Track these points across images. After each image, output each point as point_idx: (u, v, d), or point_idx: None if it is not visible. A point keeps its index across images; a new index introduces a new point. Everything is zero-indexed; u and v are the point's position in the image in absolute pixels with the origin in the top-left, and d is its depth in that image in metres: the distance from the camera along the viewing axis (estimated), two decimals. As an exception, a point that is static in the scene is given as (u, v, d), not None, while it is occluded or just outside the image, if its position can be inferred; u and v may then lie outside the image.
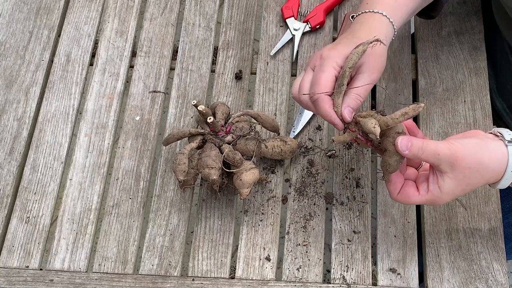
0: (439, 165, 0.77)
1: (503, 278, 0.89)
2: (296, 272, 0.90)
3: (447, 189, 0.78)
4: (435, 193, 0.79)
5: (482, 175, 0.78)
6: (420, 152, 0.76)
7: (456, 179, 0.77)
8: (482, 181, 0.79)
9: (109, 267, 0.91)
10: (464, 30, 1.08)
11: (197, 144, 0.89)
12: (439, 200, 0.79)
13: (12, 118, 1.02)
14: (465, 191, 0.79)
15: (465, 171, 0.77)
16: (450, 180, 0.77)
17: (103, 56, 1.07)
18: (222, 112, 0.91)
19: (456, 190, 0.78)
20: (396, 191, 0.81)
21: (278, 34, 1.09)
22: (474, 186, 0.79)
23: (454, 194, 0.79)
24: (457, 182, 0.78)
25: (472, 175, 0.78)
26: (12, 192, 0.96)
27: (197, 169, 0.88)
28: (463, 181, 0.78)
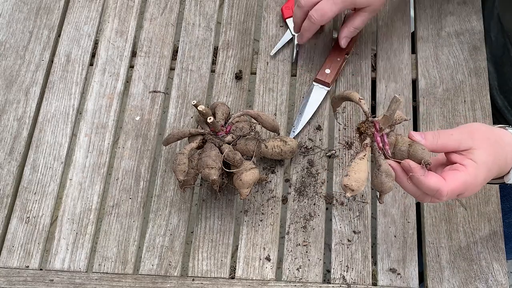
0: (459, 144, 0.75)
1: (503, 278, 0.89)
2: (296, 272, 0.90)
3: (480, 158, 0.74)
4: (472, 165, 0.74)
5: (502, 147, 0.77)
6: (436, 138, 0.75)
7: (482, 148, 0.75)
8: (503, 154, 0.77)
9: (109, 267, 0.91)
10: (464, 30, 1.08)
11: (197, 144, 0.89)
12: (479, 173, 0.75)
13: (12, 118, 1.02)
14: (496, 163, 0.76)
15: (485, 141, 0.76)
16: (477, 150, 0.75)
17: (103, 56, 1.07)
18: (222, 112, 0.91)
19: (488, 159, 0.75)
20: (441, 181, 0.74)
21: (278, 34, 1.09)
22: (500, 158, 0.76)
23: (488, 165, 0.75)
24: (484, 150, 0.75)
25: (494, 145, 0.76)
26: (12, 192, 0.96)
27: (197, 169, 0.88)
28: (489, 150, 0.75)
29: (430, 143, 0.75)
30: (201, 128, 0.92)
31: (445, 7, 1.10)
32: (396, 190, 0.95)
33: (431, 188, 0.73)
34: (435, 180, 0.73)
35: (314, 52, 1.07)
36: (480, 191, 0.95)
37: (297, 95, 1.04)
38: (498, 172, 0.78)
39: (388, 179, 0.75)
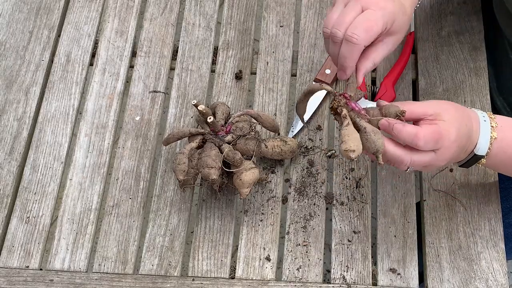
0: (426, 109, 0.78)
1: (503, 278, 0.89)
2: (296, 272, 0.90)
3: (449, 117, 0.77)
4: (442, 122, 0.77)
5: (467, 117, 0.80)
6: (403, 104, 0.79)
7: (449, 112, 0.78)
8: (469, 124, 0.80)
9: (109, 267, 0.91)
10: (464, 30, 1.08)
11: (197, 144, 0.89)
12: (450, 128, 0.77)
13: (12, 118, 1.02)
14: (462, 123, 0.78)
15: (451, 107, 0.79)
16: (444, 113, 0.78)
17: (103, 56, 1.07)
18: (222, 112, 0.91)
19: (457, 120, 0.78)
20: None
21: (278, 34, 1.09)
22: (466, 125, 0.79)
23: (457, 124, 0.77)
24: (451, 114, 0.78)
25: (460, 113, 0.80)
26: (12, 192, 0.96)
27: (197, 169, 0.88)
28: (456, 115, 0.78)
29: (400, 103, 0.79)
30: (201, 128, 0.92)
31: (445, 7, 1.10)
32: (396, 190, 0.95)
33: (409, 133, 0.76)
34: (411, 127, 0.77)
35: (314, 52, 1.07)
36: (480, 191, 0.94)
37: (297, 95, 1.04)
38: (467, 142, 0.80)
39: (377, 136, 0.77)
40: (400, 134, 0.76)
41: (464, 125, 0.79)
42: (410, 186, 0.96)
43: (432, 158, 0.78)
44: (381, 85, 1.02)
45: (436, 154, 0.78)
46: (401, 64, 1.03)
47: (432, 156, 0.78)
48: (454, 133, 0.77)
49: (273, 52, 1.07)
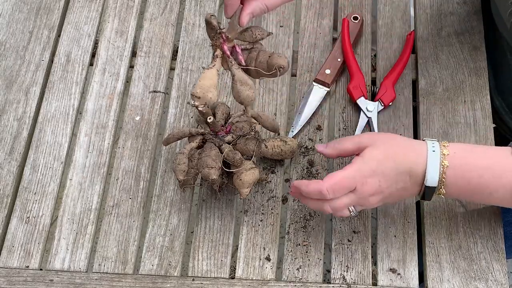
0: (358, 146, 0.81)
1: (503, 278, 0.89)
2: (296, 272, 0.90)
3: (369, 155, 0.80)
4: (358, 160, 0.80)
5: (404, 146, 0.81)
6: (337, 143, 0.84)
7: (375, 146, 0.80)
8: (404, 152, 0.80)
9: (109, 267, 0.91)
10: (464, 30, 1.08)
11: (197, 144, 0.89)
12: (363, 166, 0.79)
13: (12, 118, 1.02)
14: (388, 158, 0.80)
15: (382, 140, 0.81)
16: (371, 148, 0.80)
17: (103, 56, 1.07)
18: (222, 112, 0.91)
19: (379, 155, 0.80)
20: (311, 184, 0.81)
21: (278, 34, 1.09)
22: (397, 157, 0.80)
23: (377, 159, 0.79)
24: (377, 148, 0.80)
25: (393, 145, 0.81)
26: (12, 192, 0.96)
27: (197, 169, 0.88)
28: (384, 148, 0.80)
29: (331, 149, 0.85)
30: (201, 128, 0.92)
31: (445, 7, 1.10)
32: (396, 190, 0.95)
33: (314, 191, 0.80)
34: (314, 184, 0.80)
35: (314, 52, 1.07)
36: (480, 191, 0.94)
37: (297, 95, 1.04)
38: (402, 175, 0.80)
39: (243, 87, 0.76)
40: (308, 195, 0.82)
41: (394, 160, 0.80)
42: (410, 186, 0.96)
43: (352, 199, 0.81)
44: (381, 85, 1.02)
45: (355, 193, 0.80)
46: (401, 64, 1.03)
47: (351, 197, 0.81)
48: (370, 170, 0.79)
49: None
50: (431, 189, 0.81)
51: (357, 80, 1.02)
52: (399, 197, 0.85)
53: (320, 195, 0.80)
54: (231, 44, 0.78)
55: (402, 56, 1.04)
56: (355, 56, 1.04)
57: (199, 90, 0.74)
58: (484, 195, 0.82)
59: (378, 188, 0.80)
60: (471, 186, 0.81)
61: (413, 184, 0.81)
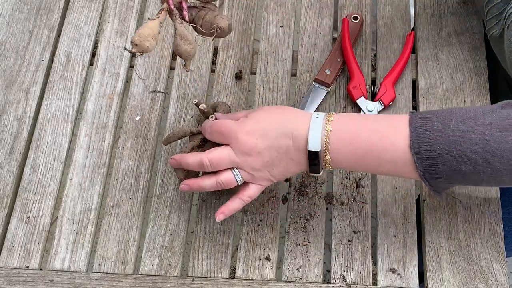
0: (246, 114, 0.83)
1: (503, 278, 0.89)
2: (296, 272, 0.90)
3: (252, 114, 0.82)
4: (241, 119, 0.82)
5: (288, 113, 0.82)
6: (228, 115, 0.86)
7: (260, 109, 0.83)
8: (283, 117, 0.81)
9: (109, 267, 0.91)
10: (464, 30, 1.08)
11: (198, 142, 0.89)
12: (244, 122, 0.81)
13: (12, 118, 1.02)
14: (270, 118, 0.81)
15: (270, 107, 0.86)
16: (253, 112, 0.83)
17: (103, 56, 1.07)
18: (223, 111, 0.91)
19: (260, 114, 0.82)
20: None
21: (278, 34, 1.09)
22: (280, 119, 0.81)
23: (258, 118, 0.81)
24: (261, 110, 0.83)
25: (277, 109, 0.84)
26: (12, 192, 0.96)
27: None
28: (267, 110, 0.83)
29: (220, 115, 0.87)
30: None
31: (445, 7, 1.10)
32: (396, 190, 0.95)
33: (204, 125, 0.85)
34: (209, 121, 0.85)
35: (314, 52, 1.07)
36: (481, 191, 0.94)
37: (297, 95, 1.04)
38: (284, 138, 0.80)
39: (182, 41, 0.78)
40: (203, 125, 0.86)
41: (276, 121, 0.81)
42: (410, 186, 0.96)
43: (229, 153, 0.81)
44: (381, 85, 1.02)
45: (232, 148, 0.81)
46: (401, 64, 1.03)
47: (227, 150, 0.81)
48: (248, 126, 0.81)
49: (273, 52, 1.07)
50: (315, 155, 0.78)
51: (357, 80, 1.02)
52: (285, 167, 0.81)
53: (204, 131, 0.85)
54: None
55: (402, 56, 1.04)
56: (355, 56, 1.04)
57: (137, 38, 0.73)
58: (374, 159, 0.78)
59: (254, 147, 0.80)
60: (358, 150, 0.78)
61: (295, 150, 0.79)
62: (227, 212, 0.85)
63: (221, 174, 0.82)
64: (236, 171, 0.82)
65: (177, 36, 0.79)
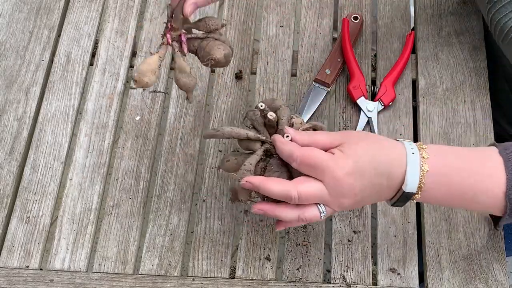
0: (331, 140, 0.75)
1: (503, 278, 0.89)
2: (296, 272, 0.90)
3: (347, 149, 0.73)
4: (336, 152, 0.73)
5: (384, 147, 0.75)
6: (308, 134, 0.76)
7: (352, 143, 0.74)
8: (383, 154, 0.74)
9: (109, 267, 0.91)
10: (464, 30, 1.08)
11: (260, 156, 0.77)
12: (342, 161, 0.72)
13: (12, 118, 1.02)
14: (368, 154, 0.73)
15: (357, 139, 0.75)
16: (347, 143, 0.74)
17: (103, 56, 1.07)
18: (287, 118, 0.79)
19: (359, 150, 0.73)
20: None
21: (278, 34, 1.09)
22: (378, 155, 0.73)
23: (357, 155, 0.73)
24: (354, 145, 0.74)
25: (372, 142, 0.75)
26: (12, 192, 0.96)
27: None
28: (360, 146, 0.74)
29: (300, 137, 0.75)
30: (258, 132, 0.80)
31: (445, 7, 1.10)
32: (396, 190, 0.95)
33: (286, 150, 0.74)
34: (293, 144, 0.74)
35: (314, 52, 1.07)
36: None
37: (297, 95, 1.04)
38: (381, 178, 0.74)
39: (181, 75, 0.78)
40: (280, 145, 0.75)
41: (374, 160, 0.73)
42: (410, 186, 0.95)
43: (321, 190, 0.73)
44: (381, 85, 1.02)
45: (326, 186, 0.73)
46: (401, 64, 1.03)
47: (320, 186, 0.73)
48: (348, 166, 0.72)
49: (273, 52, 1.07)
50: (409, 195, 0.74)
51: (357, 80, 1.02)
52: (369, 202, 0.78)
53: (288, 158, 0.74)
54: (177, 32, 0.78)
55: (402, 56, 1.04)
56: (355, 56, 1.04)
57: (136, 74, 0.75)
58: (466, 200, 0.76)
59: (352, 189, 0.73)
60: (451, 191, 0.75)
61: (387, 188, 0.75)
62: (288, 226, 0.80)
63: (307, 210, 0.74)
64: (322, 208, 0.75)
65: (176, 70, 0.78)
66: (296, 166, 0.74)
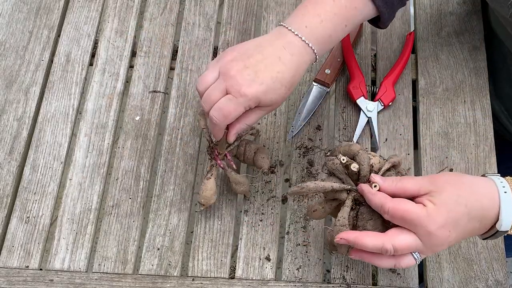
0: (419, 188, 0.74)
1: (503, 278, 0.89)
2: (296, 272, 0.90)
3: (439, 199, 0.72)
4: (428, 204, 0.72)
5: (472, 190, 0.74)
6: (396, 181, 0.75)
7: (443, 190, 0.73)
8: (474, 198, 0.73)
9: (109, 267, 0.91)
10: (464, 30, 1.08)
11: (350, 207, 0.77)
12: (435, 213, 0.72)
13: (12, 118, 1.02)
14: (460, 203, 0.72)
15: (447, 184, 0.73)
16: (437, 192, 0.73)
17: (103, 56, 1.07)
18: (367, 163, 0.78)
19: (449, 201, 0.72)
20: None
21: (278, 34, 1.09)
22: (469, 201, 0.73)
23: (449, 207, 0.72)
24: (445, 193, 0.73)
25: (459, 188, 0.74)
26: (12, 192, 0.96)
27: None
28: (451, 192, 0.73)
29: (388, 185, 0.75)
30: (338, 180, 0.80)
31: (445, 7, 1.10)
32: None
33: (378, 200, 0.74)
34: (382, 195, 0.74)
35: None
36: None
37: (297, 95, 1.04)
38: (474, 222, 0.73)
39: (238, 186, 0.90)
40: (369, 196, 0.75)
41: (466, 207, 0.72)
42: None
43: (416, 241, 0.73)
44: (381, 85, 1.02)
45: (420, 239, 0.73)
46: (401, 64, 1.03)
47: (414, 238, 0.73)
48: (442, 219, 0.72)
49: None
50: (502, 233, 0.74)
51: (357, 80, 1.02)
52: (460, 241, 0.78)
53: (379, 209, 0.74)
54: (222, 155, 0.89)
55: (402, 56, 1.04)
56: (355, 56, 1.04)
57: (203, 200, 0.89)
58: None
59: (446, 240, 0.73)
60: None
61: (480, 229, 0.75)
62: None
63: (402, 259, 0.75)
64: (417, 255, 0.75)
65: (232, 183, 0.90)
66: (388, 218, 0.74)
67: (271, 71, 0.80)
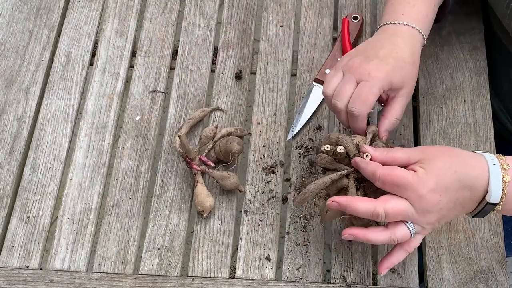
0: (409, 156, 0.76)
1: (503, 278, 0.89)
2: (296, 272, 0.90)
3: (428, 166, 0.74)
4: (418, 169, 0.74)
5: (465, 160, 0.75)
6: (386, 150, 0.78)
7: (432, 158, 0.75)
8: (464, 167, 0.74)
9: (109, 267, 0.91)
10: (464, 30, 1.08)
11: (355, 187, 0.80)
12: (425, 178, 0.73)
13: (12, 118, 1.02)
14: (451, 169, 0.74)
15: (437, 153, 0.76)
16: (427, 159, 0.75)
17: (103, 56, 1.07)
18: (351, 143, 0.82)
19: (442, 166, 0.74)
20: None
21: (278, 34, 1.09)
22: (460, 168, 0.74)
23: (440, 171, 0.73)
24: (435, 160, 0.74)
25: (453, 155, 0.76)
26: (12, 192, 0.96)
27: None
28: (441, 160, 0.74)
29: (379, 154, 0.78)
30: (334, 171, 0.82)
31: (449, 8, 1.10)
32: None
33: (370, 168, 0.76)
34: (374, 164, 0.77)
35: (314, 52, 1.07)
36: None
37: (297, 95, 1.04)
38: (465, 191, 0.74)
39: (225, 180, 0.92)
40: (362, 165, 0.78)
41: (457, 174, 0.74)
42: (410, 186, 0.95)
43: (407, 207, 0.74)
44: None
45: (411, 204, 0.74)
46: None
47: (406, 203, 0.74)
48: (432, 182, 0.73)
49: (273, 52, 1.07)
50: (492, 206, 0.74)
51: None
52: (453, 216, 0.78)
53: (371, 177, 0.76)
54: (197, 159, 0.93)
55: None
56: None
57: (199, 207, 0.92)
58: None
59: (437, 204, 0.74)
60: None
61: (471, 201, 0.75)
62: (391, 266, 0.82)
63: (397, 229, 0.76)
64: (411, 225, 0.76)
65: (218, 181, 0.92)
66: (379, 185, 0.76)
67: (390, 54, 0.84)
